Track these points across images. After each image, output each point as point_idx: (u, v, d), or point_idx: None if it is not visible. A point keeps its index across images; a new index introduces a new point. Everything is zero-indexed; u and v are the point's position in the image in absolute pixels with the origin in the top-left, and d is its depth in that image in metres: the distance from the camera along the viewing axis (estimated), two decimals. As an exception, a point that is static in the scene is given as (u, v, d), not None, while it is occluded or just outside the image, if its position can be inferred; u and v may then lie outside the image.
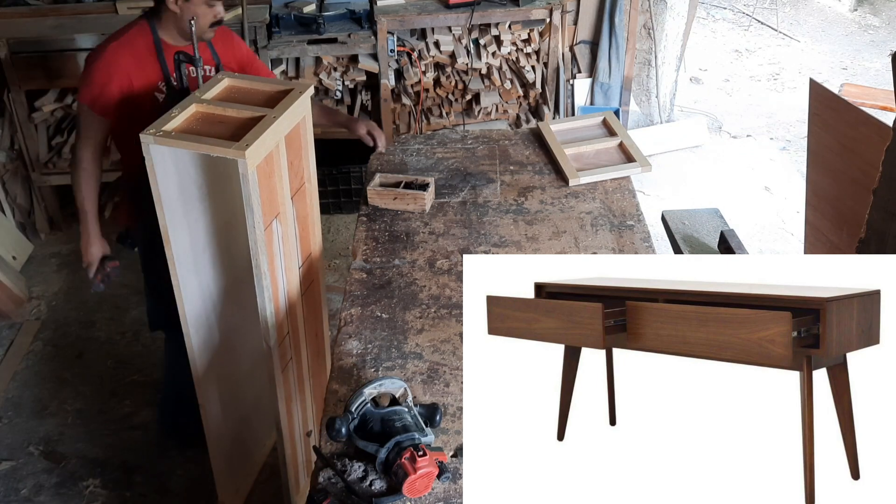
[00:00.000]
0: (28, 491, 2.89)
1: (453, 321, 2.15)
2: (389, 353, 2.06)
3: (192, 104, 2.06)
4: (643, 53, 4.74)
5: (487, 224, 2.51)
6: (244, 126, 1.98)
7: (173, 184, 2.15)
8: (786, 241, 4.10)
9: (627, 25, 4.36)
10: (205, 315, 2.42)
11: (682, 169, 4.71)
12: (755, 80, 5.85)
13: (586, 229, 2.47)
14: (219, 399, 2.56)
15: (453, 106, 4.29)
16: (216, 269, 2.44)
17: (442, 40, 4.05)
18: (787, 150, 4.96)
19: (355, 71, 4.09)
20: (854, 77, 5.84)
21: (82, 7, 3.93)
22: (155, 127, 1.97)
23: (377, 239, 2.47)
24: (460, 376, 1.98)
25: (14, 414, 3.20)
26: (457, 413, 1.88)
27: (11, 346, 3.52)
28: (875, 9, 6.98)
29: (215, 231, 2.39)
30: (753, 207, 4.35)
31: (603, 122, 2.98)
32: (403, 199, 2.57)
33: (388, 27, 3.92)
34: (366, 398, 1.72)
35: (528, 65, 4.22)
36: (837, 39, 6.47)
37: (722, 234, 2.67)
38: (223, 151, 1.90)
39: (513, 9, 3.99)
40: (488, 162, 2.82)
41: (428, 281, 2.29)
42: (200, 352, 2.42)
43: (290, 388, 2.39)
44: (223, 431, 2.62)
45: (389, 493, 1.64)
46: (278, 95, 2.14)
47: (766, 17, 6.73)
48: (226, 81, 2.20)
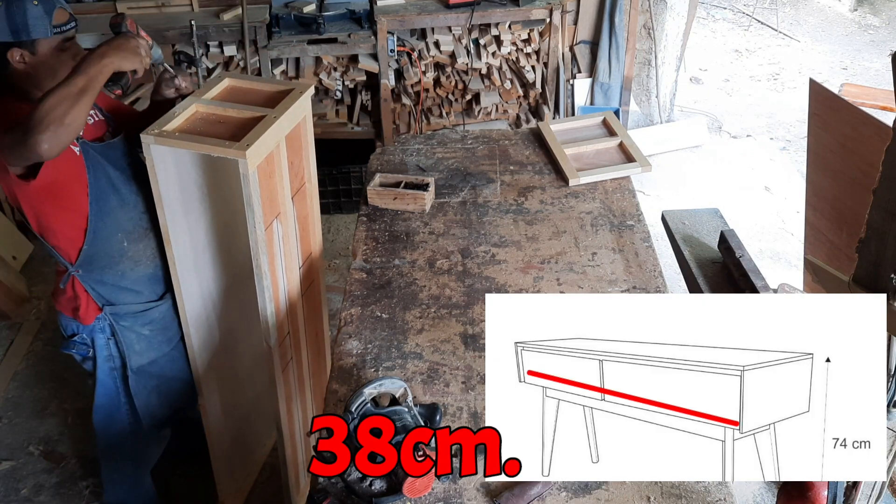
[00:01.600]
0: (28, 491, 2.89)
1: (453, 321, 2.15)
2: (389, 353, 2.06)
3: (192, 104, 2.06)
4: (643, 53, 4.74)
5: (487, 224, 2.51)
6: (245, 126, 1.99)
7: (174, 184, 2.15)
8: (786, 241, 4.10)
9: (627, 25, 4.36)
10: (205, 315, 2.42)
11: (682, 169, 4.71)
12: (755, 80, 5.85)
13: (586, 229, 2.47)
14: (219, 399, 2.56)
15: (453, 106, 4.29)
16: (216, 268, 2.44)
17: (442, 40, 4.05)
18: (787, 150, 4.96)
19: (355, 71, 4.09)
20: (854, 77, 5.83)
21: (82, 7, 3.93)
22: (156, 127, 1.97)
23: (377, 239, 2.47)
24: (460, 376, 1.98)
25: (14, 414, 3.20)
26: (457, 413, 1.88)
27: (11, 346, 3.52)
28: (875, 9, 6.98)
29: (216, 231, 2.39)
30: (753, 207, 4.35)
31: (603, 122, 2.98)
32: (403, 199, 2.57)
33: (388, 27, 3.92)
34: (366, 398, 1.72)
35: (528, 65, 4.22)
36: (837, 39, 6.47)
37: (722, 234, 2.67)
38: (224, 151, 1.90)
39: (513, 9, 3.99)
40: (488, 162, 2.82)
41: (428, 281, 2.29)
42: (200, 352, 2.42)
43: (291, 388, 2.39)
44: (223, 431, 2.62)
45: (389, 493, 1.64)
46: (278, 95, 2.14)
47: (766, 17, 6.73)
48: (226, 81, 2.20)
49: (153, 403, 2.43)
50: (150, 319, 2.32)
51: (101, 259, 2.18)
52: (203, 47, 3.91)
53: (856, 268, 1.69)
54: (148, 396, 2.41)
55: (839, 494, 1.83)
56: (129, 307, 2.27)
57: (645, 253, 2.37)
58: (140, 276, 2.27)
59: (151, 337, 2.35)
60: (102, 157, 2.12)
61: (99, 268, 2.19)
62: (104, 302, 2.23)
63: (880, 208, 1.59)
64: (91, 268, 2.18)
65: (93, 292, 2.21)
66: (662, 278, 2.28)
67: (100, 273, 2.20)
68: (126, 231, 2.19)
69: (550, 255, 2.37)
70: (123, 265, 2.22)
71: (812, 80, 2.74)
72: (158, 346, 2.37)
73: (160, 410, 2.46)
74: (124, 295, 2.26)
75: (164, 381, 2.43)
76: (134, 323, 2.29)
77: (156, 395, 2.43)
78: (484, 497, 1.69)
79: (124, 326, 2.28)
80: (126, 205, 2.18)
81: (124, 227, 2.18)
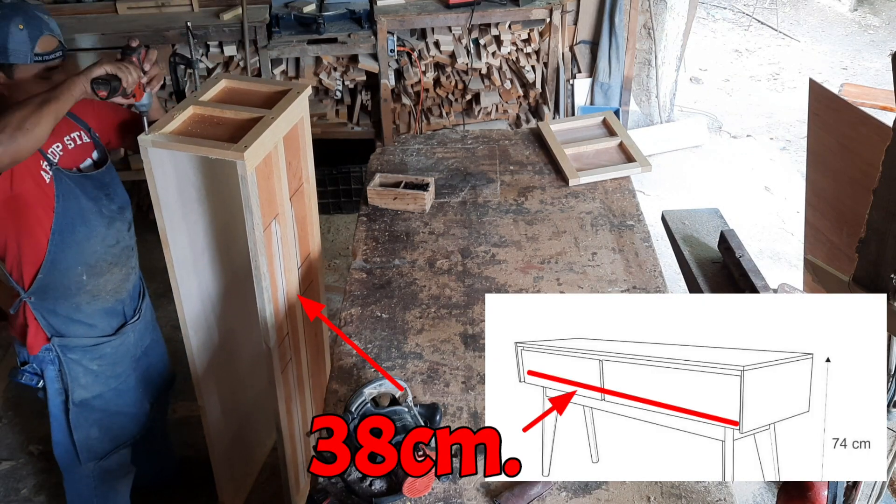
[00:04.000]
0: (28, 491, 2.89)
1: (453, 321, 2.15)
2: (389, 353, 2.05)
3: (189, 106, 2.06)
4: (643, 53, 4.74)
5: (487, 224, 2.51)
6: (242, 127, 1.98)
7: (172, 186, 2.15)
8: (786, 241, 4.10)
9: (627, 25, 4.36)
10: (204, 316, 2.42)
11: (682, 169, 4.71)
12: (755, 80, 5.85)
13: (586, 229, 2.47)
14: (218, 399, 2.56)
15: (453, 106, 4.29)
16: (215, 270, 2.44)
17: (442, 40, 4.05)
18: (787, 150, 4.96)
19: (355, 71, 4.09)
20: (854, 77, 5.83)
21: (82, 7, 3.94)
22: (153, 129, 1.97)
23: (377, 239, 2.47)
24: (460, 376, 1.98)
25: (14, 414, 3.20)
26: (457, 413, 1.88)
27: (11, 346, 3.52)
28: (875, 9, 6.98)
29: (214, 232, 2.39)
30: (753, 207, 4.35)
31: (603, 122, 2.98)
32: (403, 199, 2.57)
33: (388, 27, 3.92)
34: (366, 398, 1.72)
35: (528, 65, 4.22)
36: (837, 39, 6.47)
37: (722, 234, 2.67)
38: (222, 153, 1.90)
39: (513, 9, 3.98)
40: (488, 162, 2.82)
41: (428, 281, 2.29)
42: (200, 353, 2.42)
43: (290, 389, 2.39)
44: (223, 431, 2.62)
45: (389, 493, 1.64)
46: (276, 96, 2.14)
47: (766, 17, 6.73)
48: (223, 83, 2.20)
49: (93, 437, 2.33)
50: (100, 354, 2.24)
51: (57, 290, 2.10)
52: (203, 47, 3.91)
53: (856, 268, 1.69)
54: (88, 430, 2.31)
55: (839, 494, 1.83)
56: (79, 340, 2.19)
57: (645, 253, 2.37)
58: (96, 309, 2.20)
59: (99, 372, 2.26)
60: (77, 186, 2.06)
61: (52, 298, 2.11)
62: (53, 332, 2.15)
63: (880, 208, 1.59)
64: (45, 297, 2.10)
65: (43, 321, 2.13)
66: (662, 278, 2.28)
67: (53, 303, 2.12)
68: (88, 264, 2.12)
69: (550, 255, 2.37)
70: (79, 298, 2.14)
71: (812, 80, 2.74)
72: (105, 381, 2.29)
73: (100, 445, 2.35)
74: (76, 328, 2.18)
75: (108, 416, 2.33)
76: (83, 357, 2.21)
77: (97, 429, 2.33)
78: (484, 497, 1.69)
79: (71, 359, 2.19)
80: (93, 237, 2.11)
81: (87, 260, 2.11)
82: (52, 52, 2.00)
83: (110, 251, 2.17)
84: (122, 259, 2.22)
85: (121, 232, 2.20)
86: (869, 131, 2.42)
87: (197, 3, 3.95)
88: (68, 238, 2.06)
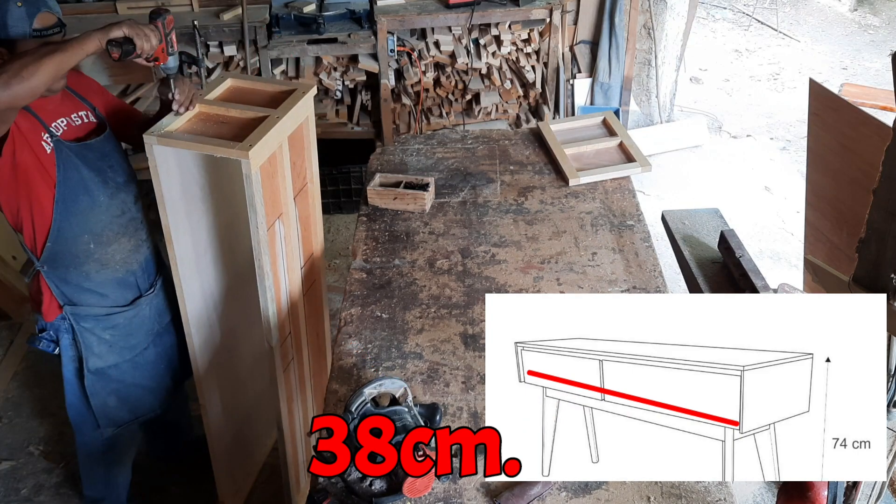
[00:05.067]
0: (28, 491, 2.89)
1: (453, 321, 2.15)
2: (389, 353, 2.06)
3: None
4: (643, 53, 4.74)
5: (487, 224, 2.51)
6: (247, 126, 1.99)
7: (176, 184, 2.16)
8: (786, 241, 4.10)
9: (627, 25, 4.36)
10: (206, 315, 2.42)
11: (682, 169, 4.71)
12: (755, 80, 5.85)
13: (586, 229, 2.47)
14: (219, 398, 2.56)
15: (453, 106, 4.29)
16: (218, 269, 2.44)
17: (442, 40, 4.05)
18: (787, 150, 4.96)
19: (355, 71, 4.09)
20: (854, 77, 5.84)
21: (82, 7, 3.93)
22: (158, 127, 1.97)
23: (377, 239, 2.47)
24: (460, 376, 1.99)
25: (14, 414, 3.20)
26: (457, 413, 1.89)
27: (11, 346, 3.52)
28: (875, 9, 6.98)
29: (217, 231, 2.39)
30: (753, 207, 4.35)
31: (603, 122, 2.98)
32: (403, 199, 2.57)
33: (388, 27, 3.92)
34: (366, 398, 1.72)
35: (528, 65, 4.22)
36: (837, 39, 6.47)
37: (722, 234, 2.67)
38: (227, 152, 1.90)
39: (513, 9, 3.99)
40: (488, 162, 2.82)
41: (428, 281, 2.29)
42: (201, 351, 2.42)
43: (292, 388, 2.39)
44: (224, 431, 2.62)
45: (389, 493, 1.64)
46: (281, 96, 2.14)
47: (766, 17, 6.73)
48: (229, 82, 2.20)
49: (110, 406, 2.39)
50: (112, 324, 2.29)
51: (65, 258, 2.16)
52: (203, 47, 3.91)
53: (856, 268, 1.69)
54: (105, 398, 2.37)
55: (839, 494, 1.84)
56: (91, 309, 2.25)
57: (645, 253, 2.37)
58: (107, 279, 2.24)
59: (112, 342, 2.31)
60: (78, 157, 2.10)
61: (63, 266, 2.17)
62: (66, 301, 2.22)
63: (880, 208, 1.60)
64: (55, 265, 2.16)
65: (55, 290, 2.20)
66: (662, 278, 2.28)
67: (64, 272, 2.18)
68: (94, 233, 2.16)
69: (550, 255, 2.37)
70: (89, 266, 2.19)
71: (812, 80, 2.74)
72: (119, 352, 2.34)
73: (118, 413, 2.42)
74: (87, 296, 2.23)
75: (124, 387, 2.39)
76: (95, 326, 2.26)
77: (114, 398, 2.39)
78: (484, 497, 1.69)
79: (84, 328, 2.25)
80: (97, 207, 2.15)
81: (92, 228, 2.16)
82: (51, 28, 2.02)
83: (116, 221, 2.21)
84: (130, 230, 2.26)
85: (126, 203, 2.24)
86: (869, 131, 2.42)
87: (197, 3, 3.95)
88: (72, 207, 2.11)
